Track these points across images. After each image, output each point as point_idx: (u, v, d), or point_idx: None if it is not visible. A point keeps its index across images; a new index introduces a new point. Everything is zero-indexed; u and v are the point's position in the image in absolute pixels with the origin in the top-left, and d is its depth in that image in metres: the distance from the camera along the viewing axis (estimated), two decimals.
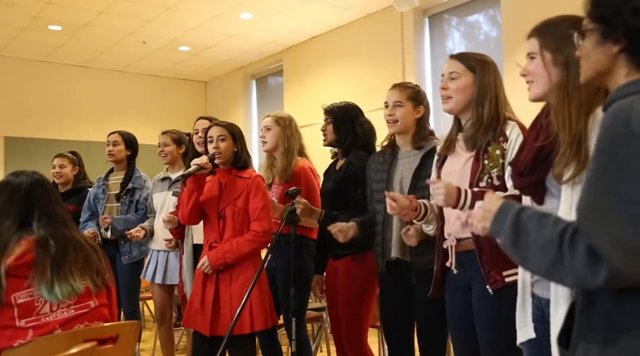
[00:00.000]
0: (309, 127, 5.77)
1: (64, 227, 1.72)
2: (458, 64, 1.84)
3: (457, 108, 1.84)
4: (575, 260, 0.90)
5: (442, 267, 1.86)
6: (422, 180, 2.06)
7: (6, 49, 6.44)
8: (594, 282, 0.89)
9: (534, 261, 0.97)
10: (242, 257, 2.29)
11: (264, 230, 2.31)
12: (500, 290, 1.66)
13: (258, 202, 2.33)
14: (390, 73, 5.25)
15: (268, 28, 5.89)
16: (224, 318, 2.27)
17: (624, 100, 0.94)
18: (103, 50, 6.56)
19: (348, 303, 2.44)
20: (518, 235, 0.99)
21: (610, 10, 0.99)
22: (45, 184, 1.78)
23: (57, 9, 5.23)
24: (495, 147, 1.73)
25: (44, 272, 1.60)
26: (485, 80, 1.80)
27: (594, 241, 0.89)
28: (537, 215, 1.00)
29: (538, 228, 0.97)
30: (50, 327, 1.59)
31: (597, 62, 1.02)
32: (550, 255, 0.93)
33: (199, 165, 2.34)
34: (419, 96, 2.22)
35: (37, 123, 6.84)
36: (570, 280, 0.93)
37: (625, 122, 0.89)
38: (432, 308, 2.04)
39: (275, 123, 2.74)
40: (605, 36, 0.99)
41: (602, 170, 0.91)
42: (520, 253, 1.00)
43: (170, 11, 5.34)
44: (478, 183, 1.72)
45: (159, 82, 7.69)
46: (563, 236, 0.92)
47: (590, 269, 0.88)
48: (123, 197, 3.31)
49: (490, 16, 4.88)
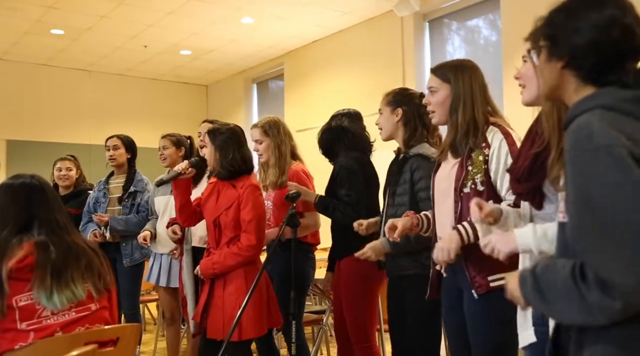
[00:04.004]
0: (309, 130, 5.81)
1: (65, 232, 1.73)
2: (434, 78, 1.89)
3: (442, 120, 1.88)
4: (593, 295, 0.88)
5: (437, 271, 1.88)
6: (400, 186, 2.15)
7: (9, 52, 6.48)
8: (616, 311, 0.87)
9: (566, 310, 0.94)
10: (228, 269, 2.29)
11: (250, 244, 2.27)
12: (486, 295, 1.69)
13: (247, 214, 2.28)
14: (391, 77, 5.27)
15: (269, 32, 5.92)
16: (214, 322, 2.28)
17: (582, 118, 0.97)
18: (105, 54, 6.59)
19: (351, 303, 2.46)
20: (542, 291, 0.97)
21: (554, 29, 1.05)
22: (44, 188, 1.78)
23: (59, 13, 5.27)
24: (478, 153, 1.76)
25: (44, 279, 1.60)
26: (459, 88, 1.83)
27: (595, 267, 0.88)
28: (547, 265, 0.99)
29: (553, 276, 0.96)
30: (52, 330, 1.59)
31: (549, 78, 1.07)
32: (575, 298, 0.91)
33: (177, 171, 2.39)
34: (398, 98, 2.22)
35: (39, 126, 6.87)
36: (601, 315, 0.90)
37: (588, 139, 0.92)
38: (401, 312, 2.13)
39: (264, 134, 2.74)
40: (551, 53, 1.05)
41: (580, 192, 0.92)
42: (552, 308, 0.97)
43: (172, 15, 5.37)
44: (462, 188, 1.76)
45: (160, 85, 7.73)
46: (574, 274, 0.91)
47: (607, 298, 0.87)
48: (125, 200, 3.33)
49: (490, 21, 4.90)
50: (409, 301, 2.11)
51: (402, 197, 2.13)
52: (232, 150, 2.33)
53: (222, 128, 2.41)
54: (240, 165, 2.35)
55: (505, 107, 4.14)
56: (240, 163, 2.34)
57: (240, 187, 2.33)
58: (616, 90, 0.99)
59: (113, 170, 3.48)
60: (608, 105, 0.96)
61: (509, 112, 4.09)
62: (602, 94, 0.99)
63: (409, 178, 2.12)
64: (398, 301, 2.17)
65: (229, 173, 2.34)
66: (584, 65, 1.01)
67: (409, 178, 2.12)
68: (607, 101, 0.97)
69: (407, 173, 2.12)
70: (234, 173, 2.35)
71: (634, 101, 0.96)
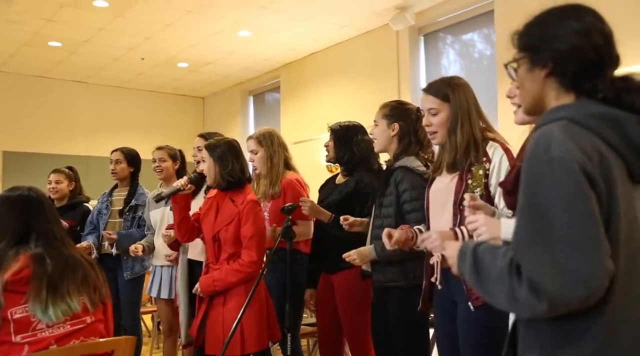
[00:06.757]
0: (305, 143, 5.83)
1: (62, 245, 1.73)
2: (433, 98, 1.87)
3: (445, 140, 1.87)
4: (521, 291, 0.91)
5: (430, 282, 1.89)
6: (386, 197, 2.16)
7: (6, 64, 6.50)
8: (540, 311, 0.90)
9: (495, 293, 0.97)
10: (229, 286, 2.29)
11: (251, 260, 2.27)
12: (482, 307, 1.69)
13: (247, 230, 2.28)
14: (386, 90, 5.32)
15: (266, 45, 5.96)
16: (213, 337, 2.27)
17: (546, 127, 0.98)
18: (102, 66, 6.62)
19: (350, 318, 2.44)
20: (478, 270, 1.00)
21: (534, 39, 1.05)
22: (42, 200, 1.79)
23: (57, 25, 5.30)
24: (478, 167, 1.77)
25: (40, 292, 1.60)
26: (457, 106, 1.83)
27: (528, 271, 0.91)
28: (490, 248, 1.02)
29: (492, 261, 0.98)
30: (46, 343, 1.59)
31: (531, 89, 1.07)
32: (505, 286, 0.94)
33: (177, 187, 2.38)
34: (395, 113, 2.22)
35: (36, 137, 6.87)
36: (525, 311, 0.93)
37: (545, 149, 0.93)
38: (386, 324, 2.14)
39: (259, 144, 2.76)
40: (533, 62, 1.05)
41: (527, 198, 0.94)
42: (482, 287, 1.00)
43: (170, 28, 5.42)
44: (461, 202, 1.76)
45: (157, 97, 7.75)
46: (511, 267, 0.94)
47: (534, 298, 0.90)
48: (126, 213, 3.34)
49: (485, 35, 4.96)
50: (393, 313, 2.11)
51: (387, 209, 2.14)
52: (230, 161, 2.35)
53: (219, 141, 2.44)
54: (240, 176, 2.38)
55: (499, 119, 4.18)
56: (239, 173, 2.37)
57: (240, 203, 2.33)
58: (589, 103, 1.00)
59: (117, 183, 3.49)
60: (574, 118, 0.97)
61: (503, 123, 4.16)
62: (572, 107, 1.01)
63: (394, 190, 2.13)
64: (383, 313, 2.17)
65: (229, 184, 2.35)
66: (567, 71, 1.02)
67: (394, 190, 2.13)
68: (574, 114, 0.98)
69: (392, 185, 2.13)
70: (233, 184, 2.36)
71: (600, 118, 0.98)
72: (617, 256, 0.92)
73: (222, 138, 2.51)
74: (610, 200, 0.92)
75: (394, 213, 2.11)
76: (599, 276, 0.88)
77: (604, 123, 0.97)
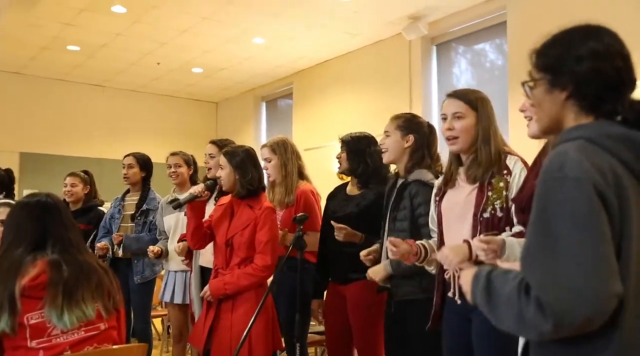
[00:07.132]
0: (316, 150, 5.86)
1: (78, 251, 1.76)
2: (460, 103, 1.83)
3: (465, 147, 1.83)
4: (529, 310, 0.90)
5: (441, 299, 1.87)
6: (400, 211, 2.14)
7: (26, 67, 6.62)
8: (546, 331, 0.88)
9: (504, 317, 0.95)
10: (241, 289, 2.30)
11: (265, 264, 2.29)
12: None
13: (263, 235, 2.31)
14: (398, 99, 5.33)
15: (279, 52, 6.01)
16: (221, 344, 2.28)
17: (562, 146, 0.97)
18: (119, 71, 6.72)
19: (362, 329, 2.42)
20: (490, 294, 0.98)
21: (554, 60, 1.03)
22: (59, 207, 1.81)
23: (76, 30, 5.40)
24: (499, 179, 1.76)
25: (56, 298, 1.62)
26: (487, 120, 1.82)
27: (535, 286, 0.90)
28: (502, 272, 1.00)
29: (503, 285, 0.96)
30: (61, 348, 1.62)
31: (549, 110, 1.05)
32: (514, 308, 0.92)
33: (194, 194, 2.39)
34: (409, 125, 2.20)
35: (52, 140, 6.98)
36: (532, 331, 0.92)
37: (559, 167, 0.93)
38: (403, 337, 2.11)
39: (273, 152, 2.78)
40: (553, 84, 1.03)
41: (538, 215, 0.94)
42: (493, 313, 0.98)
43: (185, 34, 5.49)
44: (482, 214, 1.75)
45: (171, 102, 7.84)
46: (520, 287, 0.92)
47: (540, 316, 0.88)
48: (137, 218, 3.39)
49: (497, 45, 4.96)
50: (414, 327, 2.08)
51: (402, 223, 2.13)
52: (250, 170, 2.38)
53: (238, 150, 2.46)
54: (257, 184, 2.41)
55: (510, 129, 4.18)
56: (257, 182, 2.41)
57: (257, 208, 2.36)
58: (607, 124, 0.99)
59: (129, 188, 3.54)
60: (590, 137, 0.97)
61: (514, 134, 4.14)
62: (589, 126, 0.99)
63: (408, 204, 2.12)
64: (400, 326, 2.15)
65: (248, 192, 2.38)
66: (588, 94, 1.00)
67: (408, 204, 2.12)
68: (591, 133, 0.97)
69: (407, 199, 2.12)
70: (252, 192, 2.39)
71: (618, 139, 0.97)
72: (628, 279, 0.90)
73: (239, 146, 2.53)
74: (623, 221, 0.91)
75: (409, 227, 2.10)
76: (604, 296, 0.87)
77: (621, 144, 0.96)
